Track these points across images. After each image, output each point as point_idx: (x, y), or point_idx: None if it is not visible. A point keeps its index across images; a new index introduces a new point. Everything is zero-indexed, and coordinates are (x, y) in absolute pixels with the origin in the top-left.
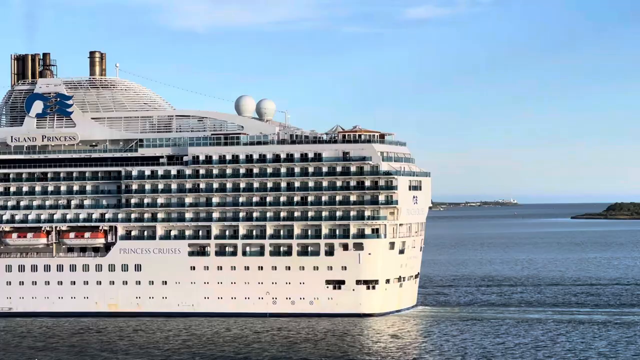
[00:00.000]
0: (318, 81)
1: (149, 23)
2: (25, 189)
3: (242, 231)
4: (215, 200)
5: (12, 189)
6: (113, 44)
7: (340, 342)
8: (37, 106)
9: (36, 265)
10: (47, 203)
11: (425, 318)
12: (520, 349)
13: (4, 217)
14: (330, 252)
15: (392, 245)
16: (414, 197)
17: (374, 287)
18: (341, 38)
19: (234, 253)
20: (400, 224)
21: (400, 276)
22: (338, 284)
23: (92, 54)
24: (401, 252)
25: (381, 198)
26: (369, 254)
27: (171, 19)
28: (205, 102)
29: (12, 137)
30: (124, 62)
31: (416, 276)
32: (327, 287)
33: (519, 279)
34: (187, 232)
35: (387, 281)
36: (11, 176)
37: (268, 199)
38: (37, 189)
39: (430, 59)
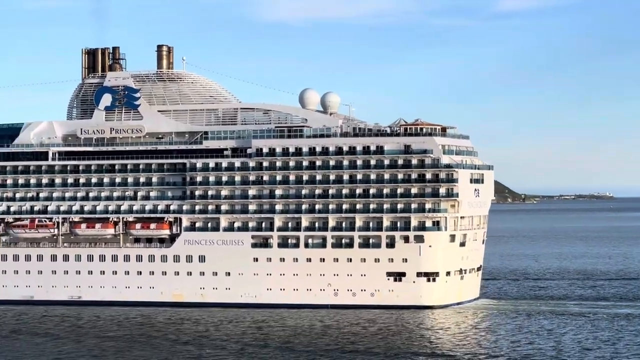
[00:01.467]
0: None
1: (219, 16)
2: (94, 180)
3: (304, 223)
4: (278, 192)
5: (82, 180)
6: (180, 38)
7: (402, 334)
8: (106, 99)
9: (104, 255)
10: (115, 194)
11: (485, 310)
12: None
13: (74, 208)
14: (391, 244)
15: (452, 237)
16: (475, 190)
17: (434, 280)
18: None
19: (296, 245)
20: (462, 217)
21: (461, 269)
22: (399, 276)
23: (159, 47)
24: (462, 244)
25: (442, 191)
26: (430, 246)
27: (245, 11)
28: (273, 95)
29: (81, 129)
30: (191, 56)
31: (478, 269)
32: (388, 279)
33: (609, 273)
34: (251, 224)
35: (448, 273)
36: (81, 168)
37: (330, 192)
38: (105, 180)
39: (519, 51)
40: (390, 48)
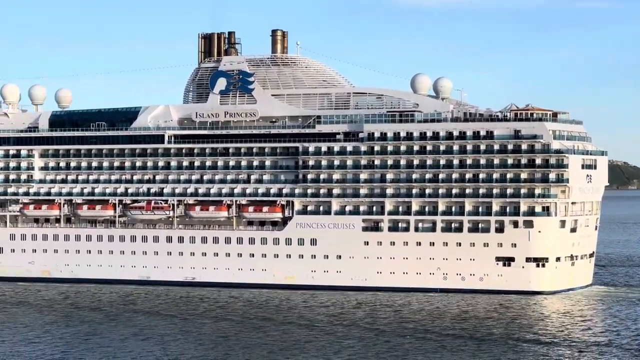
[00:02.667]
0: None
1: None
2: (208, 163)
3: (414, 207)
4: (389, 176)
5: (196, 164)
6: (294, 22)
7: (514, 319)
8: (221, 83)
9: (217, 238)
10: (229, 177)
11: (598, 297)
12: None
13: (189, 191)
14: (500, 229)
15: (562, 223)
16: (587, 175)
17: (543, 265)
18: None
19: (406, 229)
20: (573, 202)
21: (572, 255)
22: (508, 261)
23: (274, 32)
24: (573, 230)
25: (552, 176)
26: (539, 231)
27: None
28: (386, 79)
29: (196, 113)
30: (305, 40)
31: (591, 255)
32: (497, 263)
33: None
34: (362, 208)
35: (558, 259)
36: (195, 151)
37: (440, 176)
38: (220, 163)
39: None
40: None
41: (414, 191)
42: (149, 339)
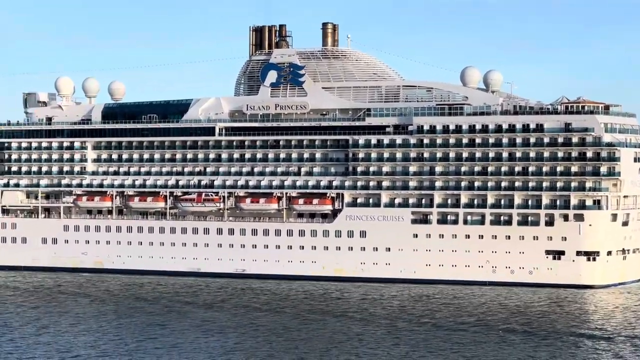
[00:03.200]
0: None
1: None
2: (258, 155)
3: (463, 200)
4: (438, 169)
5: (247, 156)
6: (345, 16)
7: (571, 313)
8: (272, 76)
9: (268, 230)
10: (279, 170)
11: None
12: None
13: (239, 183)
14: (550, 222)
15: (614, 217)
16: None
17: (594, 259)
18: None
19: (455, 221)
20: (625, 196)
21: (623, 248)
22: (558, 254)
23: (324, 25)
24: (624, 224)
25: (603, 169)
26: (590, 225)
27: None
28: (436, 72)
29: (247, 105)
30: (355, 34)
31: None
32: (547, 257)
33: None
34: (411, 200)
35: (609, 253)
36: (246, 143)
37: (489, 169)
38: (270, 156)
39: None
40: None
41: (462, 184)
42: (210, 331)
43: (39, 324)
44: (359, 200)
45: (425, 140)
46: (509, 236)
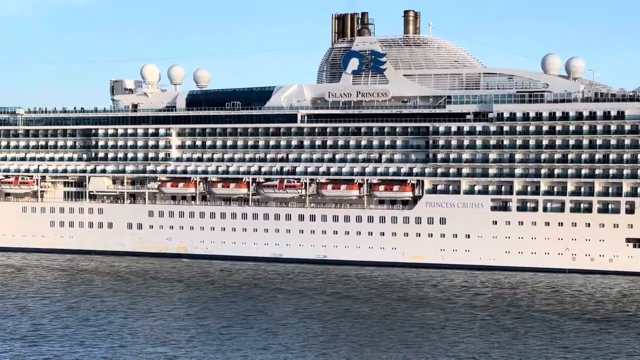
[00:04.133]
0: None
1: None
2: (340, 142)
3: (543, 187)
4: (518, 156)
5: (329, 143)
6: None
7: None
8: (353, 63)
9: (349, 216)
10: (360, 157)
11: None
12: None
13: (321, 170)
14: (630, 210)
15: None
16: None
17: None
18: None
19: (535, 209)
20: None
21: None
22: (638, 242)
23: (406, 12)
24: None
25: None
26: None
27: None
28: (517, 60)
29: (329, 92)
30: (437, 21)
31: None
32: (627, 245)
33: None
34: (490, 187)
35: None
36: (328, 130)
37: (570, 156)
38: (351, 143)
39: None
40: None
41: (542, 171)
42: (309, 317)
43: (140, 308)
44: (438, 187)
45: (505, 128)
46: (589, 224)
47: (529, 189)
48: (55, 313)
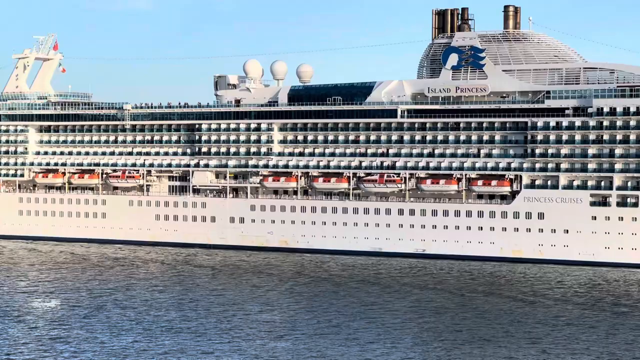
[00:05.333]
0: None
1: None
2: (439, 137)
3: None
4: (617, 151)
5: (428, 138)
6: None
7: None
8: (453, 59)
9: (447, 211)
10: (459, 152)
11: None
12: None
13: (420, 164)
14: None
15: None
16: None
17: None
18: None
19: (635, 204)
20: None
21: None
22: None
23: (506, 7)
24: None
25: None
26: None
27: None
28: (620, 54)
29: (429, 88)
30: (537, 16)
31: None
32: None
33: None
34: (589, 183)
35: None
36: (427, 125)
37: None
38: (450, 138)
39: None
40: None
41: None
42: (427, 312)
43: (261, 302)
44: (537, 182)
45: (605, 122)
46: None
47: (629, 184)
48: (179, 306)
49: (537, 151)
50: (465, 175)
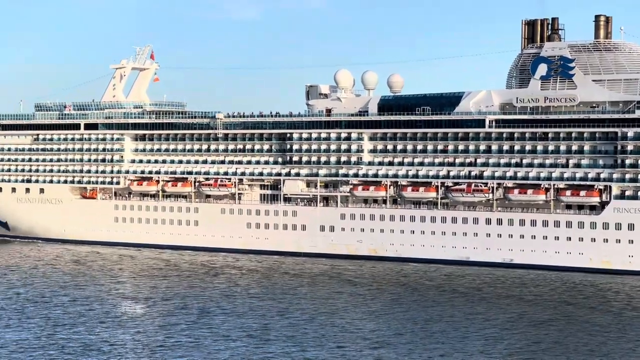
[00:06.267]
0: None
1: None
2: (527, 147)
3: None
4: None
5: (516, 148)
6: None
7: None
8: (542, 69)
9: (535, 221)
10: (547, 162)
11: None
12: None
13: (508, 174)
14: None
15: None
16: None
17: None
18: None
19: None
20: None
21: None
22: None
23: (597, 17)
24: None
25: None
26: None
27: None
28: None
29: (517, 98)
30: (630, 25)
31: None
32: None
33: None
34: None
35: None
36: (515, 135)
37: None
38: (539, 148)
39: None
40: None
41: None
42: (532, 324)
43: (362, 310)
44: (627, 193)
45: None
46: None
47: None
48: (283, 311)
49: (627, 162)
50: (554, 185)
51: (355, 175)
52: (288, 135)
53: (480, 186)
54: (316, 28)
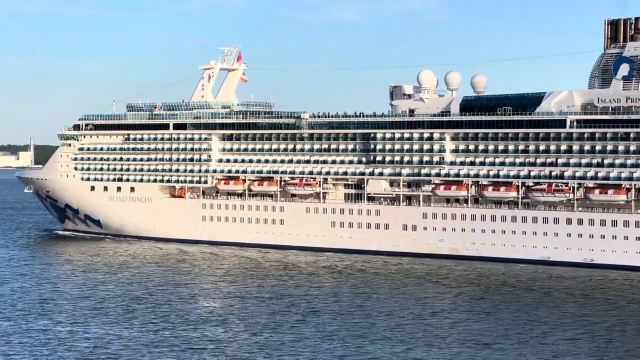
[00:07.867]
0: None
1: None
2: (609, 147)
3: None
4: None
5: (597, 148)
6: None
7: None
8: (624, 69)
9: (616, 221)
10: (628, 162)
11: None
12: None
13: (588, 174)
14: None
15: None
16: None
17: None
18: None
19: None
20: None
21: None
22: None
23: None
24: None
25: None
26: None
27: None
28: None
29: (598, 98)
30: None
31: None
32: None
33: None
34: None
35: None
36: (596, 135)
37: None
38: (620, 148)
39: None
40: None
41: None
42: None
43: (464, 310)
44: None
45: None
46: None
47: None
48: (389, 312)
49: None
50: (635, 185)
51: (437, 174)
52: (372, 135)
53: (561, 186)
54: (405, 30)
